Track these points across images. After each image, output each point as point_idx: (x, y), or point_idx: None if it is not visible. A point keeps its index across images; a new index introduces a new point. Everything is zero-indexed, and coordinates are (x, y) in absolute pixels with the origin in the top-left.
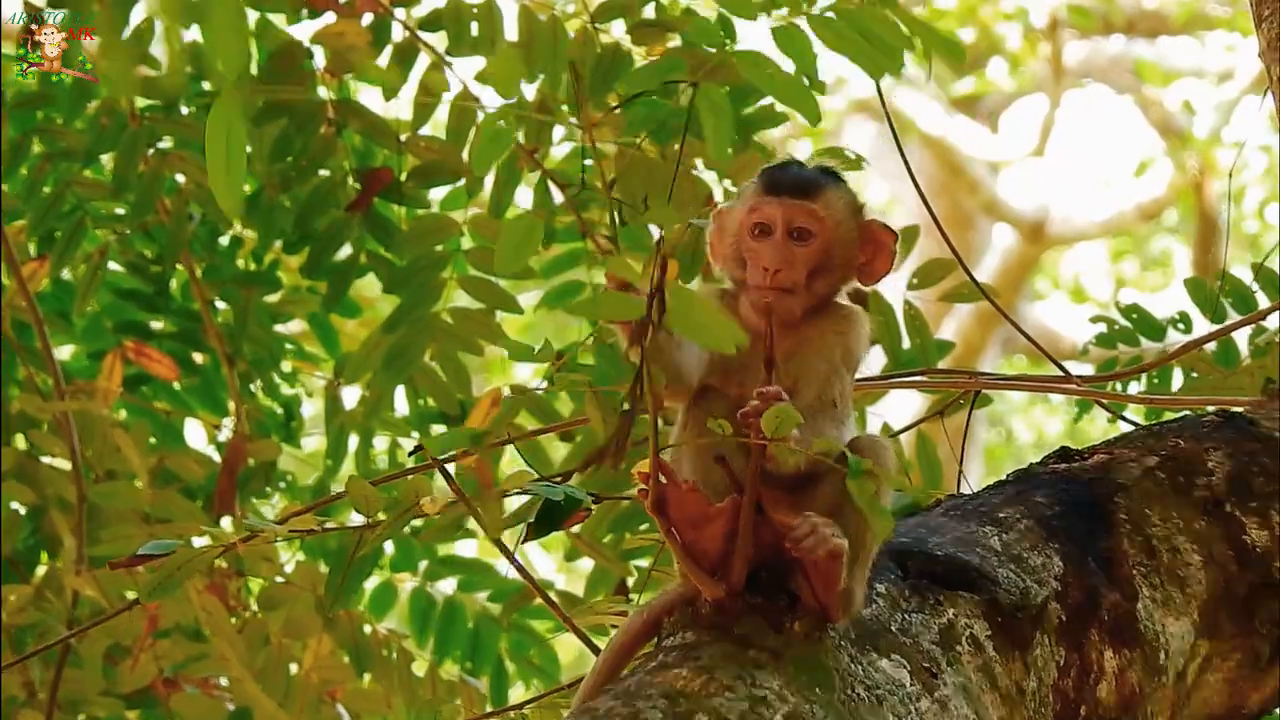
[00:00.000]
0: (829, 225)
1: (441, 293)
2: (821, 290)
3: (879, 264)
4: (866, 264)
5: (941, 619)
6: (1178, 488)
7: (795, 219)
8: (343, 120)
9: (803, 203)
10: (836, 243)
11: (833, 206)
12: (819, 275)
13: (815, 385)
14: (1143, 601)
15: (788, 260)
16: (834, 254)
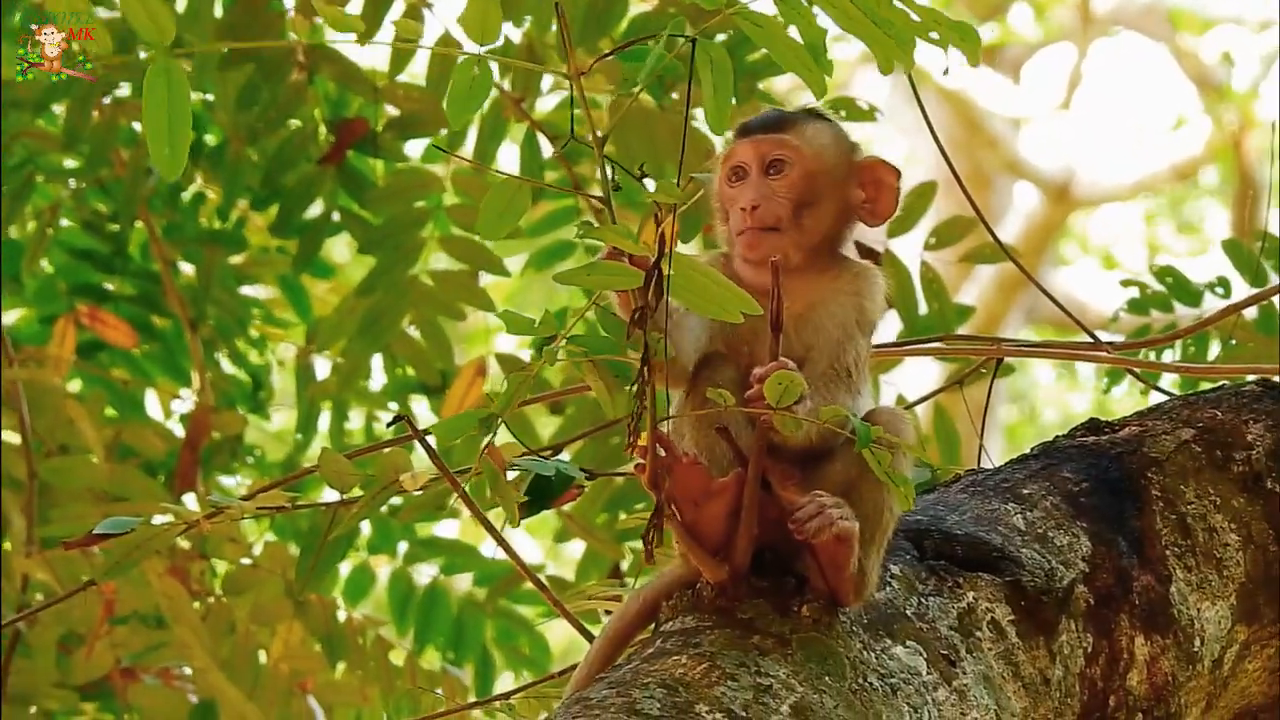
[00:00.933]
0: (806, 154)
1: (421, 253)
2: (812, 227)
3: (883, 203)
4: (869, 203)
5: (960, 603)
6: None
7: (768, 152)
8: (314, 67)
9: (773, 135)
10: (820, 174)
11: (809, 137)
12: (806, 210)
13: (828, 352)
14: (1176, 584)
15: (765, 195)
16: (819, 186)
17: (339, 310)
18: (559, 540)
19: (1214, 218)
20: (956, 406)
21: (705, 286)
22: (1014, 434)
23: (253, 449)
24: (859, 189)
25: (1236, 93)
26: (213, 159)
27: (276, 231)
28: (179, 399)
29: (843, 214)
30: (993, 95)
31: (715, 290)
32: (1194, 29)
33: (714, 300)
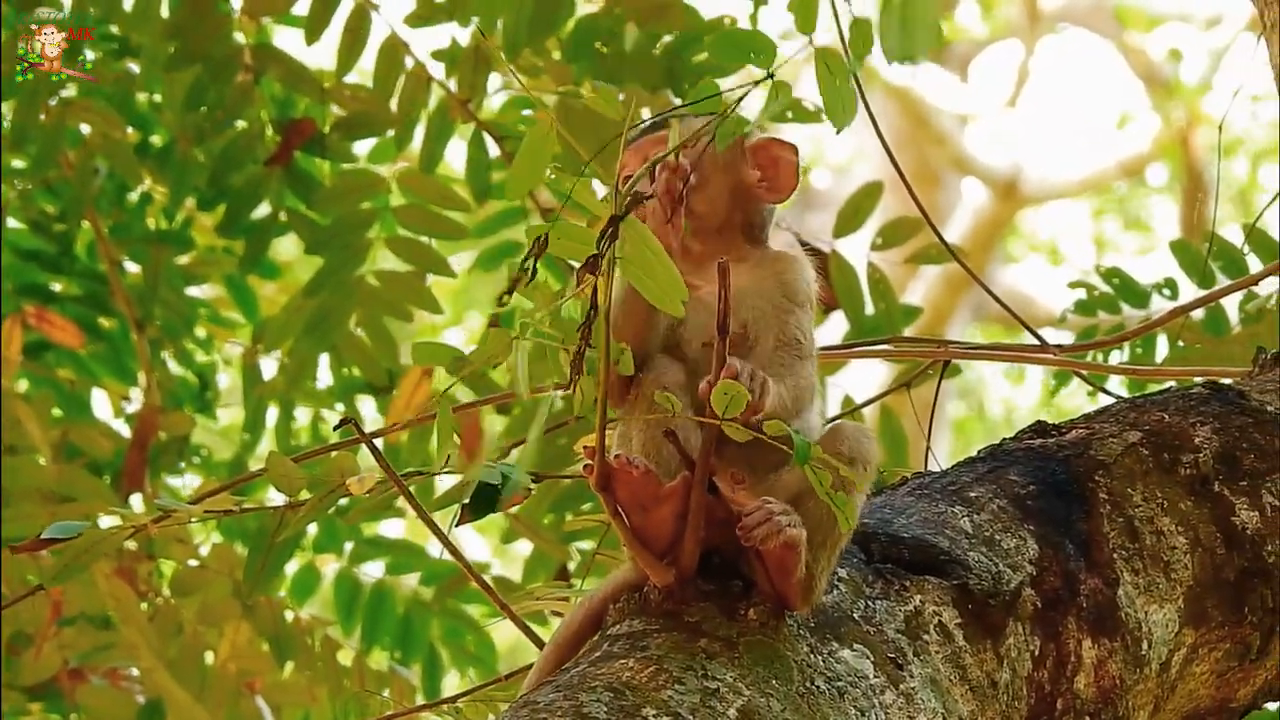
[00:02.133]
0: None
1: (367, 254)
2: (703, 209)
3: (781, 180)
4: (765, 181)
5: (908, 606)
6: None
7: (649, 152)
8: (261, 68)
9: (651, 136)
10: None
11: (685, 127)
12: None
13: (769, 327)
14: (1124, 587)
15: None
16: (710, 173)
17: (286, 310)
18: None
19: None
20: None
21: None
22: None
23: (200, 449)
24: (754, 169)
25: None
26: (159, 159)
27: (223, 232)
28: (126, 399)
29: (739, 195)
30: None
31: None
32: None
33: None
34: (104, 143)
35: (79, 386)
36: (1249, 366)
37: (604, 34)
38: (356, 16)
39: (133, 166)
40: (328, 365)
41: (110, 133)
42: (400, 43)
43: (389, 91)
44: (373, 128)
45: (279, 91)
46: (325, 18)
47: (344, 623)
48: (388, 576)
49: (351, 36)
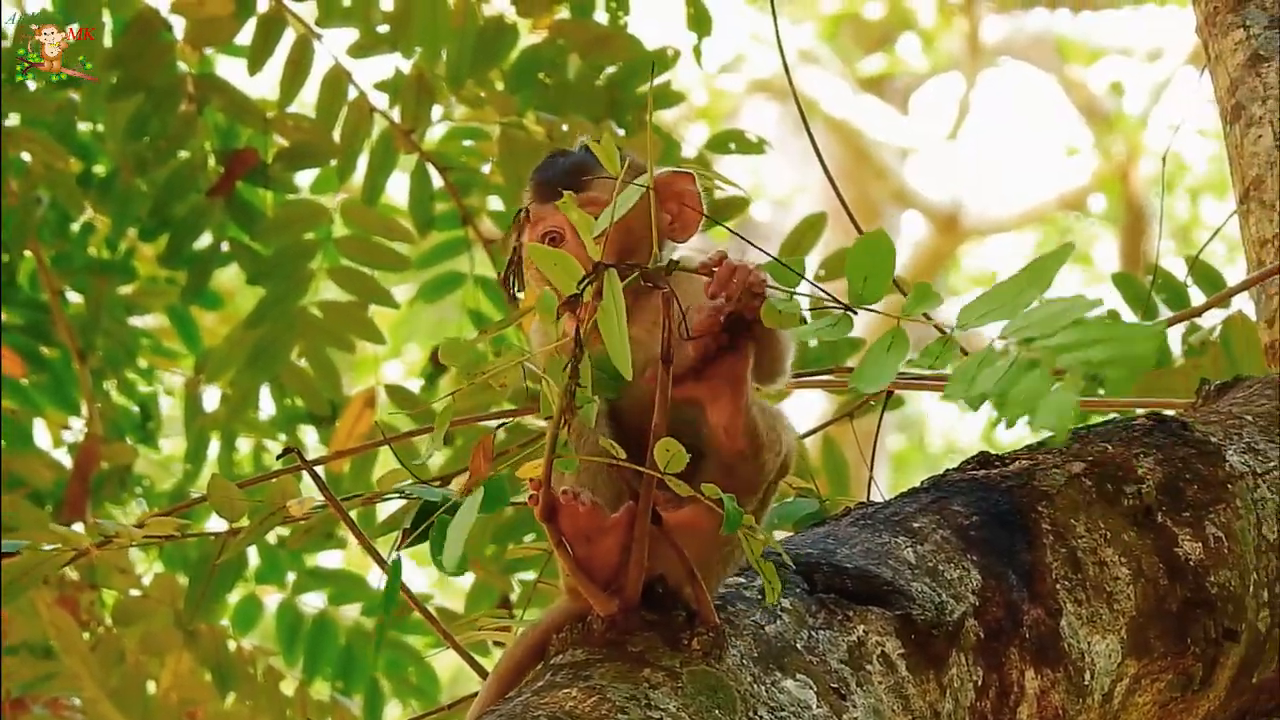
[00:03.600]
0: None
1: (310, 284)
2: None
3: (687, 215)
4: (674, 221)
5: (851, 636)
6: (1105, 496)
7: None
8: (204, 97)
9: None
10: (633, 220)
11: (609, 189)
12: (625, 255)
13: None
14: (1067, 618)
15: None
16: (632, 228)
17: (228, 341)
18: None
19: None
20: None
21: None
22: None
23: (142, 479)
24: (663, 213)
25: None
26: (102, 189)
27: (166, 262)
28: (68, 429)
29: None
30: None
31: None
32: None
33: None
34: (46, 172)
35: (20, 416)
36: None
37: (547, 65)
38: (299, 47)
39: (75, 196)
40: (270, 395)
41: (52, 162)
42: (343, 73)
43: (331, 122)
44: (315, 158)
45: (222, 121)
46: (268, 48)
47: (286, 653)
48: (330, 607)
49: (294, 67)
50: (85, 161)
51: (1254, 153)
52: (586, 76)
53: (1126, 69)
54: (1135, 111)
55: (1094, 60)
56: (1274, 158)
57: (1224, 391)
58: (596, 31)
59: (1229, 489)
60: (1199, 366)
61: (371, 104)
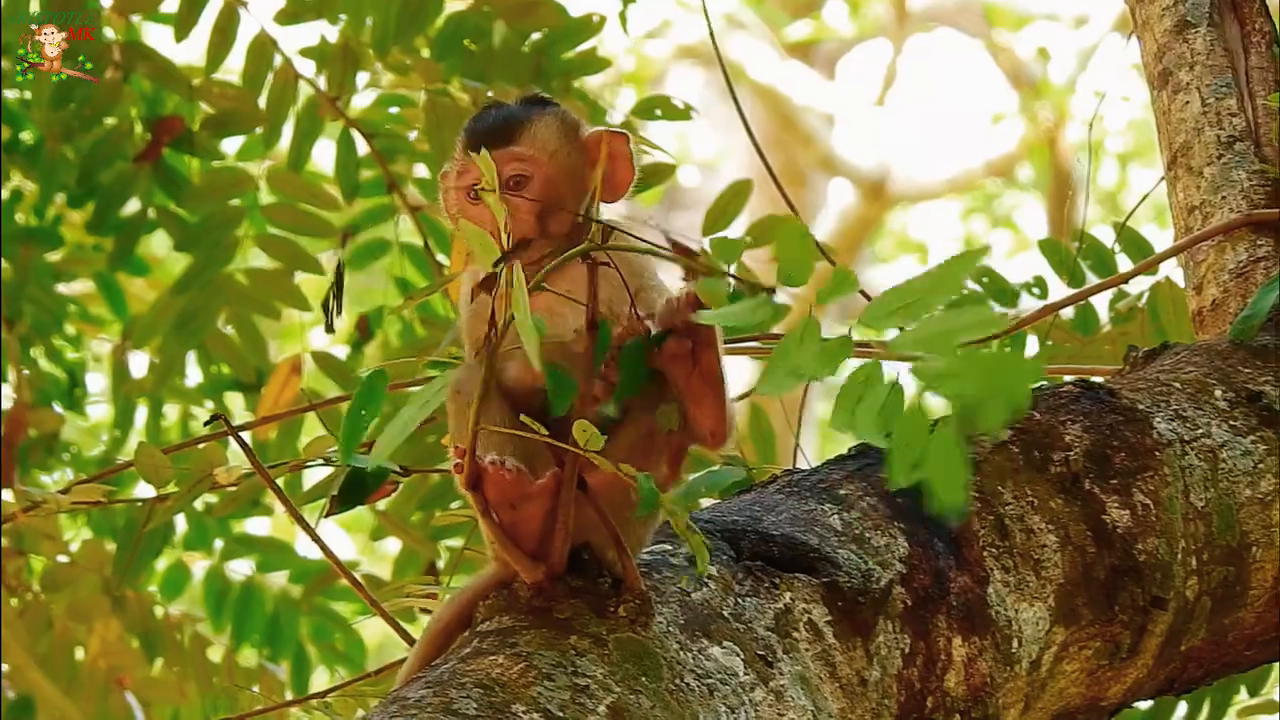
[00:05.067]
0: (542, 161)
1: (236, 251)
2: (557, 229)
3: (618, 176)
4: (605, 180)
5: (777, 604)
6: (1032, 463)
7: (507, 169)
8: (130, 65)
9: (506, 149)
10: (558, 174)
11: (541, 139)
12: (550, 213)
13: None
14: (994, 585)
15: (510, 216)
16: (559, 187)
17: (155, 307)
18: (374, 538)
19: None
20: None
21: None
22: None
23: (69, 445)
24: (593, 171)
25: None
26: (28, 156)
27: (93, 229)
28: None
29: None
30: (807, 91)
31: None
32: (1010, 25)
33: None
34: None
35: None
36: (1119, 365)
37: (472, 31)
38: (225, 14)
39: (1, 164)
40: (196, 362)
41: None
42: (269, 40)
43: (258, 89)
44: (241, 125)
45: (148, 89)
46: (194, 15)
47: (213, 620)
48: (257, 574)
49: (220, 34)
50: (12, 129)
51: (1181, 119)
52: (512, 43)
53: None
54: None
55: (1021, 26)
56: (1201, 124)
57: (1151, 358)
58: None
59: (1157, 456)
60: (1126, 334)
61: (297, 71)
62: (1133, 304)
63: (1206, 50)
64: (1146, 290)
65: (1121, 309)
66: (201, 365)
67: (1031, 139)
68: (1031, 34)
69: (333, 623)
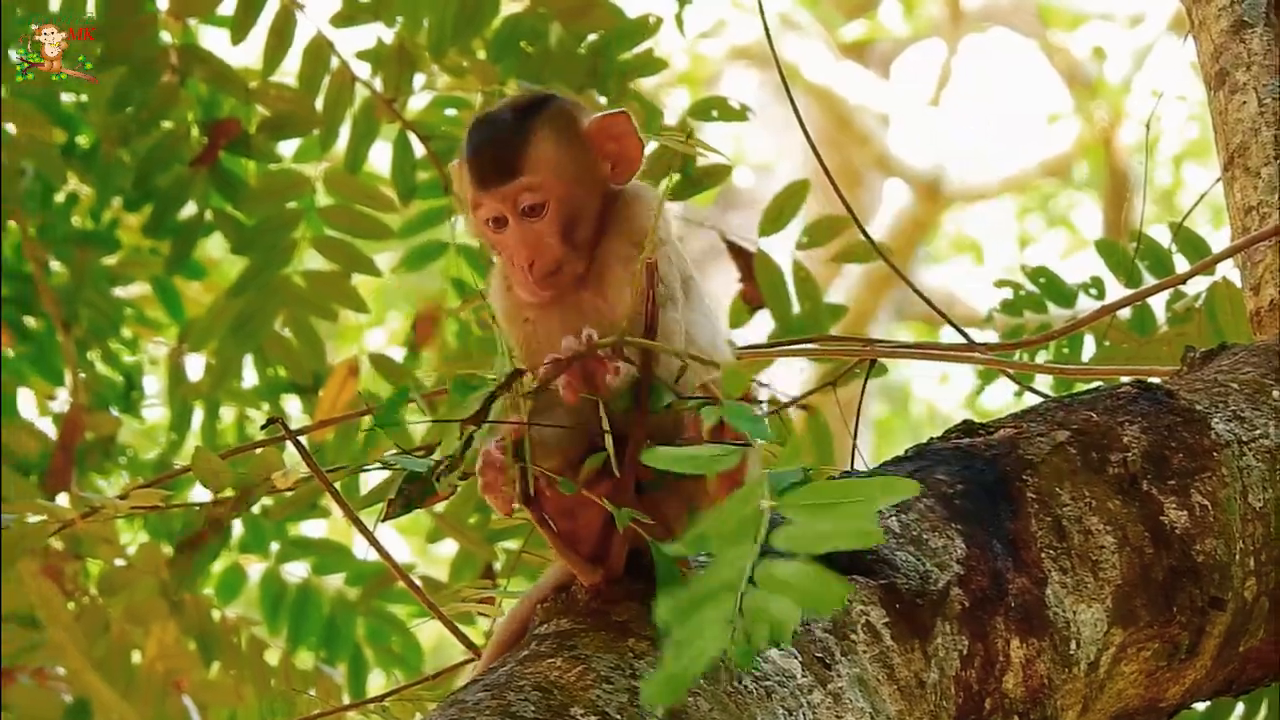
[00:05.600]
0: (554, 181)
1: (293, 254)
2: (584, 235)
3: (627, 154)
4: (614, 165)
5: None
6: (1090, 464)
7: (520, 201)
8: (187, 68)
9: (515, 182)
10: (572, 185)
11: (545, 159)
12: (573, 227)
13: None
14: (1052, 587)
15: (534, 245)
16: (576, 197)
17: (211, 310)
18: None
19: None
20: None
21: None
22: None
23: (126, 449)
24: (603, 160)
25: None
26: (85, 160)
27: (149, 232)
28: (52, 399)
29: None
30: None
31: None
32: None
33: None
34: (29, 143)
35: (5, 387)
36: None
37: (528, 33)
38: (282, 17)
39: (58, 167)
40: (253, 365)
41: (36, 133)
42: (325, 43)
43: (314, 91)
44: (298, 128)
45: (204, 92)
46: (251, 18)
47: (270, 622)
48: (313, 576)
49: (277, 37)
50: (69, 132)
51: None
52: (568, 45)
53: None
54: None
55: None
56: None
57: (1209, 359)
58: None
59: (1214, 457)
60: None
61: (354, 73)
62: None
63: (1264, 50)
64: (1204, 291)
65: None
66: (258, 368)
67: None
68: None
69: (389, 625)
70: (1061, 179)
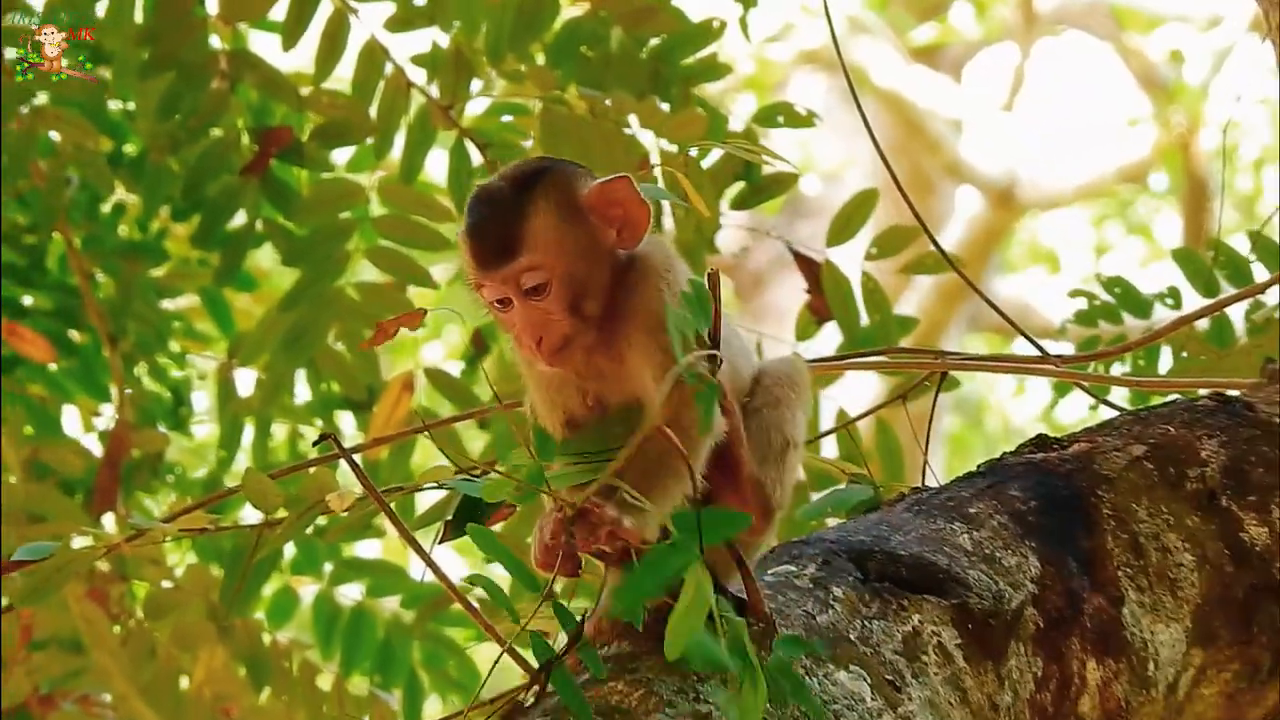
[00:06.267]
0: (555, 259)
1: (346, 265)
2: (593, 306)
3: (632, 222)
4: (621, 229)
5: (906, 626)
6: (1167, 479)
7: (522, 281)
8: (237, 74)
9: (515, 263)
10: (575, 260)
11: (545, 237)
12: (580, 301)
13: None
14: (1129, 606)
15: (541, 324)
16: (580, 272)
17: (262, 324)
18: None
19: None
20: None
21: None
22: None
23: (174, 467)
24: (607, 228)
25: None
26: (133, 169)
27: (198, 243)
28: (98, 415)
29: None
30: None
31: None
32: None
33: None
34: (76, 152)
35: (50, 403)
36: (1256, 378)
37: (589, 37)
38: (335, 21)
39: (105, 176)
40: (305, 380)
41: (82, 141)
42: (379, 48)
43: (368, 98)
44: (351, 135)
45: (255, 99)
46: (303, 22)
47: (323, 646)
48: (367, 599)
49: (330, 42)
50: (116, 140)
51: None
52: (629, 49)
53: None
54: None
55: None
56: None
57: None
58: (640, 3)
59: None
60: (1262, 345)
61: (409, 79)
62: (1270, 315)
63: None
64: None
65: (1258, 320)
66: (311, 383)
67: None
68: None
69: (446, 649)
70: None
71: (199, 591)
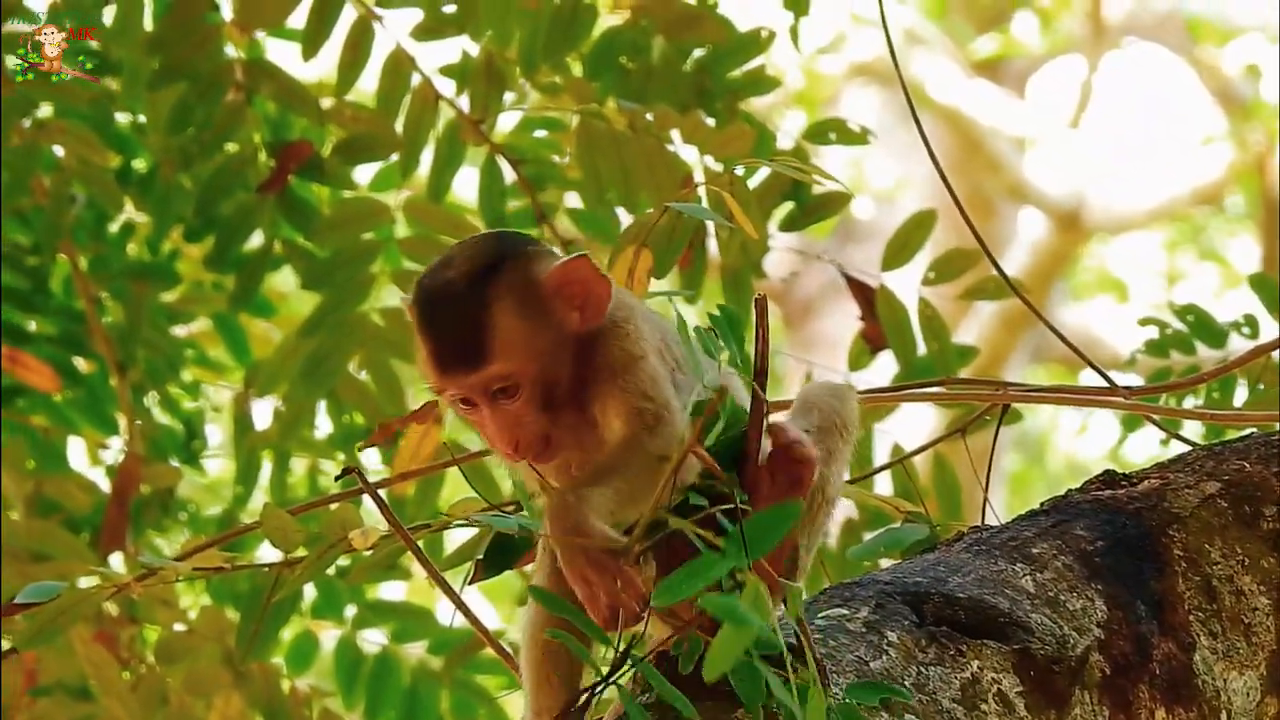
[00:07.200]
0: (525, 363)
1: (370, 289)
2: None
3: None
4: (582, 309)
5: (964, 673)
6: (1242, 518)
7: (489, 385)
8: (253, 85)
9: (482, 371)
10: (544, 357)
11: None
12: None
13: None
14: (1200, 652)
15: (513, 426)
16: (549, 367)
17: (280, 351)
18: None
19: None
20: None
21: None
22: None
23: (186, 503)
24: (569, 311)
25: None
26: (142, 186)
27: (212, 265)
28: (105, 448)
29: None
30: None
31: None
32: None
33: None
34: (81, 168)
35: (54, 435)
36: None
37: (629, 47)
38: (358, 29)
39: (113, 194)
40: (326, 411)
41: (88, 157)
42: (406, 57)
43: (393, 111)
44: (376, 151)
45: (273, 111)
46: (324, 31)
47: (345, 694)
48: (392, 644)
49: (353, 51)
50: (124, 155)
51: None
52: (672, 60)
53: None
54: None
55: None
56: None
57: None
58: (683, 11)
59: None
60: None
61: (437, 91)
62: None
63: None
64: None
65: None
66: (332, 415)
67: (1241, 164)
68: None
69: (476, 697)
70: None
71: (213, 635)
